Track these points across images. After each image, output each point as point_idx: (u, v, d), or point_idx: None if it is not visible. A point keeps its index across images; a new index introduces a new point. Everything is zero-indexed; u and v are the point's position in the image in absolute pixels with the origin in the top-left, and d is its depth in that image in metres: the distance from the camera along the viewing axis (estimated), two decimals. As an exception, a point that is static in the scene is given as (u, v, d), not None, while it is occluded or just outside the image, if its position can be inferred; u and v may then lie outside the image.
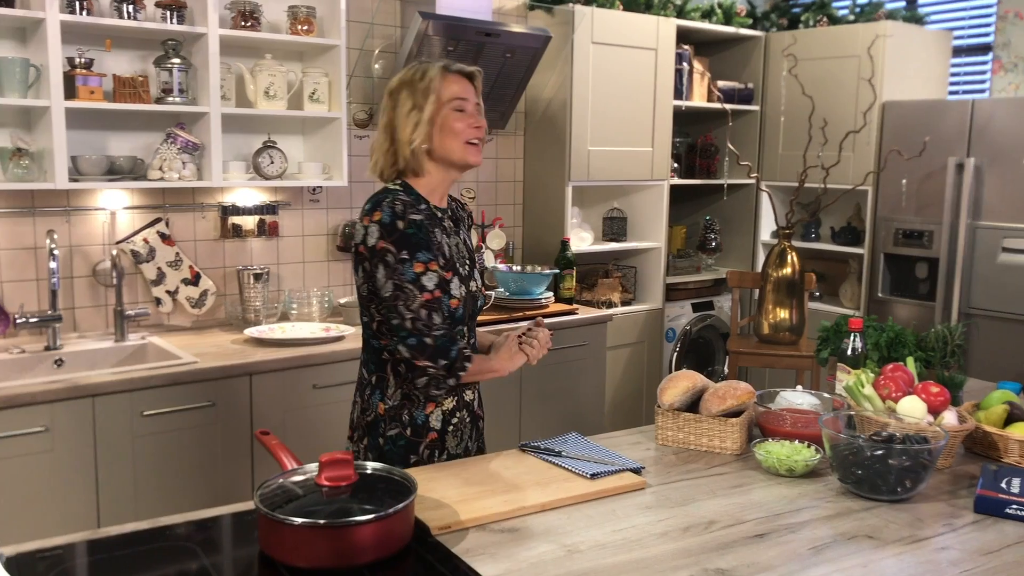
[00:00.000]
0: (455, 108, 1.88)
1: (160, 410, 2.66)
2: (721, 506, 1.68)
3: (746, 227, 4.91)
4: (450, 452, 1.96)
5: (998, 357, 3.80)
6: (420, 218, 1.83)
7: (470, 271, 1.97)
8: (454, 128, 1.88)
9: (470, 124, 1.89)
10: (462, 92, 1.90)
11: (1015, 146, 3.73)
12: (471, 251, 2.02)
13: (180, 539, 1.51)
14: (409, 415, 1.91)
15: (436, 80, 1.88)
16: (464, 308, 1.92)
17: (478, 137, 1.91)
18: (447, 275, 1.88)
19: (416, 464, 1.90)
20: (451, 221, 1.98)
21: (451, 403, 1.95)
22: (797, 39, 4.41)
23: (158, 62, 2.99)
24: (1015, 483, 1.70)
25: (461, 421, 1.98)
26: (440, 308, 1.83)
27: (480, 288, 2.01)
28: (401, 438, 1.92)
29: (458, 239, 1.97)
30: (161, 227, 3.18)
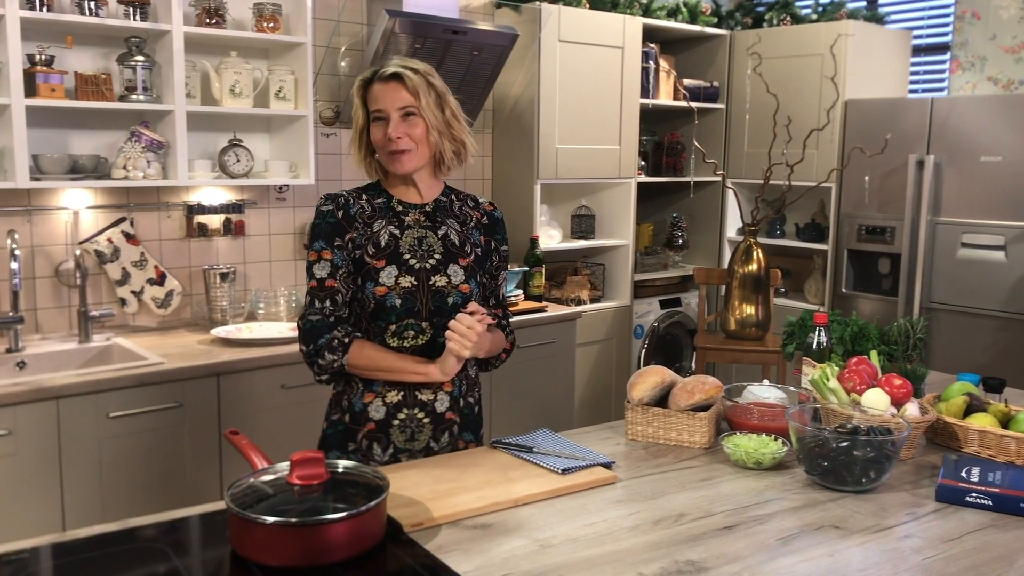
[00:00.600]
0: (375, 118, 1.89)
1: (126, 411, 2.63)
2: (691, 499, 1.70)
3: (712, 224, 4.96)
4: (397, 447, 1.91)
5: (958, 350, 3.88)
6: (328, 209, 1.91)
7: (437, 266, 1.91)
8: (375, 140, 1.91)
9: (386, 135, 1.88)
10: (381, 102, 1.88)
11: (973, 143, 3.81)
12: (454, 248, 1.94)
13: (149, 540, 1.50)
14: (348, 401, 1.93)
15: (359, 93, 1.91)
16: (407, 300, 1.87)
17: (396, 149, 1.87)
18: (378, 263, 1.87)
19: (355, 451, 1.91)
20: (424, 215, 1.95)
21: (396, 397, 1.91)
22: (761, 38, 4.47)
23: (121, 59, 2.96)
24: (975, 472, 1.74)
25: (411, 419, 1.91)
26: (328, 296, 1.87)
27: (453, 286, 1.92)
28: (340, 423, 1.94)
29: (428, 233, 1.93)
30: (126, 227, 3.14)
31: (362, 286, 1.88)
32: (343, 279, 1.89)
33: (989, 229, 3.79)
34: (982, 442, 1.93)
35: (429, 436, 1.93)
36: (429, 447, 1.94)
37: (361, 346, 1.87)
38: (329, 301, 1.88)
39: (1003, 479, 1.70)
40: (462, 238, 1.98)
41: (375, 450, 1.92)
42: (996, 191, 3.76)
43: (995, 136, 3.74)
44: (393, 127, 1.86)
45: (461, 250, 1.96)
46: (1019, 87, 4.29)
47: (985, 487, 1.67)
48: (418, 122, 1.88)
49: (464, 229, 1.99)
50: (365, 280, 1.88)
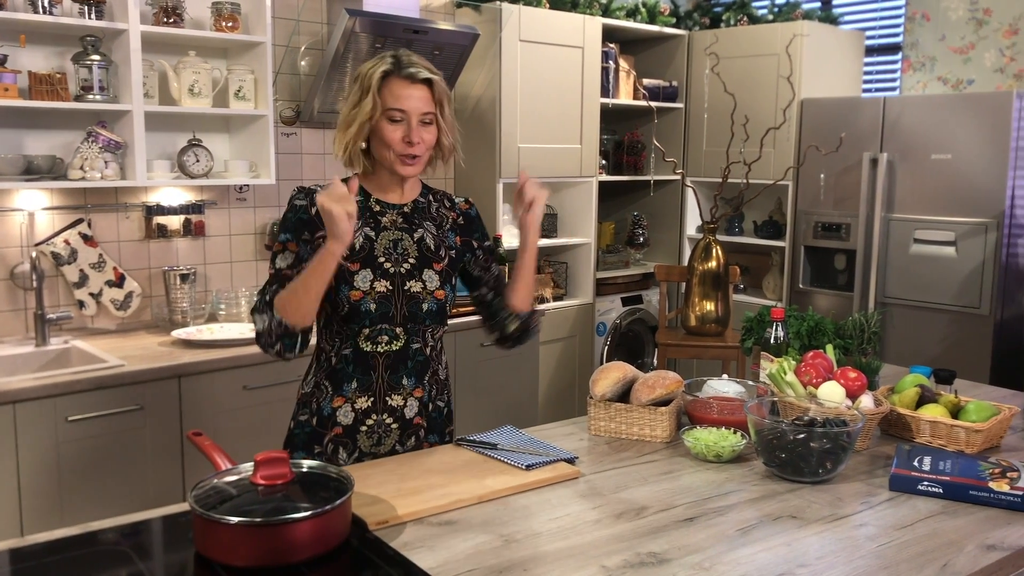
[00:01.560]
0: (390, 118, 1.82)
1: (86, 415, 2.60)
2: (652, 492, 1.72)
3: (672, 222, 5.02)
4: (363, 451, 1.90)
5: (911, 343, 3.97)
6: (301, 203, 1.84)
7: (412, 270, 1.88)
8: (386, 138, 1.83)
9: (403, 138, 1.82)
10: (403, 102, 1.81)
11: (924, 142, 3.90)
12: (429, 252, 1.92)
13: (111, 544, 1.49)
14: (317, 404, 1.91)
15: (376, 84, 1.81)
16: (382, 305, 1.85)
17: (411, 154, 1.83)
18: (352, 266, 1.83)
19: (319, 455, 1.90)
20: (403, 217, 1.92)
21: (366, 403, 1.89)
22: (719, 38, 4.53)
23: (76, 59, 2.92)
24: (926, 461, 1.79)
25: (380, 424, 1.90)
26: (279, 282, 1.82)
27: (428, 292, 1.89)
28: (308, 425, 1.92)
29: (404, 235, 1.90)
30: (83, 228, 3.10)
31: (336, 288, 1.83)
32: None
33: (940, 225, 3.88)
34: (933, 432, 1.99)
35: (395, 440, 1.93)
36: (394, 450, 1.94)
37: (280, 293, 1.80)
38: (278, 285, 1.81)
39: (953, 467, 1.75)
40: (437, 242, 1.94)
41: (340, 454, 1.90)
42: (947, 188, 3.85)
43: (945, 134, 3.84)
44: (415, 132, 1.82)
45: (436, 254, 1.93)
46: (967, 87, 4.40)
47: (936, 475, 1.71)
48: (433, 130, 1.86)
49: (440, 232, 1.96)
50: (339, 282, 1.83)
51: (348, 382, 1.89)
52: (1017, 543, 1.51)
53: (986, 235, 3.74)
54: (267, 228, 3.58)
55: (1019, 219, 3.79)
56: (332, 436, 1.90)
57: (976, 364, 3.75)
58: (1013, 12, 4.23)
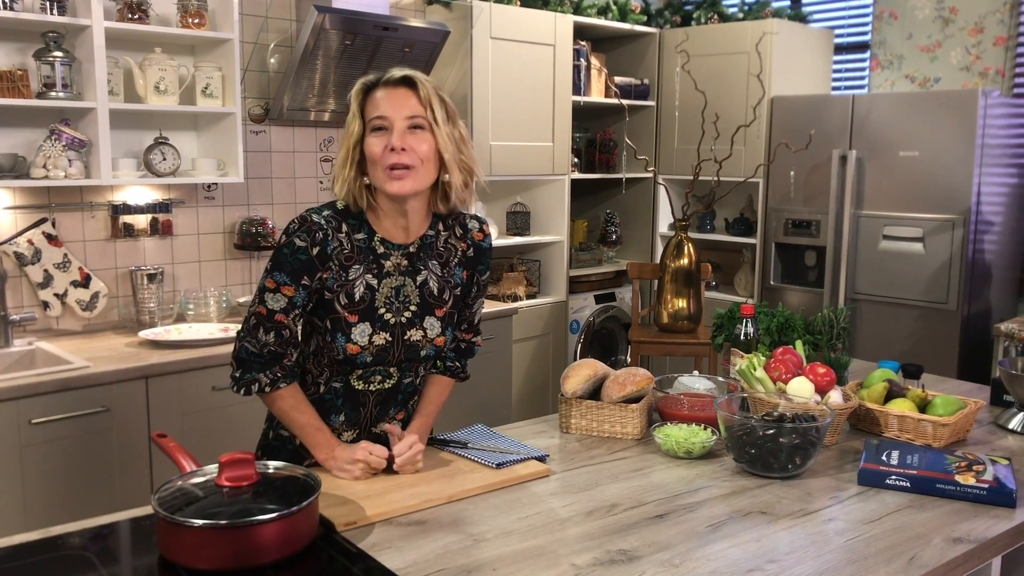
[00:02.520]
0: (374, 128, 1.65)
1: (50, 417, 2.55)
2: (623, 489, 1.72)
3: (644, 220, 5.03)
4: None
5: (881, 338, 4.00)
6: (303, 245, 1.66)
7: (413, 318, 1.77)
8: (371, 152, 1.65)
9: (387, 146, 1.63)
10: (384, 108, 1.64)
11: (892, 139, 3.94)
12: (432, 298, 1.79)
13: (75, 548, 1.46)
14: None
15: (358, 100, 1.67)
16: (378, 357, 1.75)
17: (398, 163, 1.63)
18: (351, 317, 1.71)
19: None
20: (407, 259, 1.76)
21: (351, 435, 1.84)
22: (689, 36, 4.54)
23: (38, 55, 2.86)
24: (894, 455, 1.80)
25: None
26: (273, 329, 1.68)
27: (428, 339, 1.79)
28: (290, 443, 1.85)
29: (407, 280, 1.76)
30: (47, 227, 3.04)
31: (332, 333, 1.71)
32: (295, 318, 1.70)
33: (908, 222, 3.92)
34: (901, 426, 2.00)
35: None
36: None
37: (276, 398, 1.73)
38: (273, 334, 1.69)
39: (920, 461, 1.76)
40: (441, 284, 1.80)
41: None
42: (915, 185, 3.89)
43: (913, 132, 3.87)
44: (397, 137, 1.62)
45: (439, 299, 1.80)
46: (934, 84, 4.45)
47: (904, 469, 1.73)
48: (427, 137, 1.65)
49: (446, 271, 1.81)
50: (336, 329, 1.71)
51: (336, 414, 1.81)
52: (983, 536, 1.52)
53: (953, 231, 3.78)
54: (236, 227, 3.54)
55: (985, 215, 3.84)
56: (313, 461, 1.80)
57: (944, 358, 3.80)
58: (978, 11, 4.28)
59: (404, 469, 1.75)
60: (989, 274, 3.94)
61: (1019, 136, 4.05)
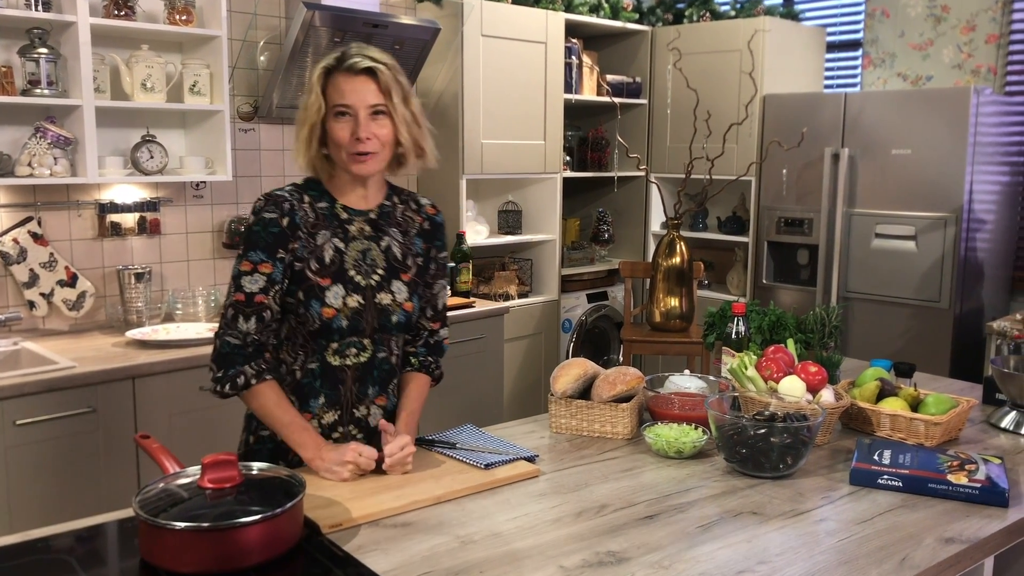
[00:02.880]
0: (338, 113, 1.73)
1: (35, 418, 2.52)
2: (613, 490, 1.70)
3: (637, 218, 5.01)
4: None
5: (874, 337, 3.99)
6: (272, 216, 1.73)
7: (381, 282, 1.81)
8: (335, 137, 1.74)
9: (352, 134, 1.72)
10: (349, 96, 1.72)
11: (885, 137, 3.93)
12: (396, 262, 1.84)
13: (56, 552, 1.43)
14: None
15: (319, 82, 1.74)
16: (353, 321, 1.77)
17: (361, 151, 1.73)
18: (323, 281, 1.75)
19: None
20: (369, 224, 1.83)
21: (332, 417, 1.82)
22: (681, 33, 4.53)
23: (23, 52, 2.83)
24: (886, 455, 1.79)
25: (346, 436, 1.83)
26: (254, 313, 1.71)
27: (397, 303, 1.82)
28: (270, 441, 1.83)
29: (371, 245, 1.82)
30: (32, 226, 3.01)
31: (305, 303, 1.74)
32: (275, 296, 1.74)
33: (901, 220, 3.91)
34: (893, 425, 1.99)
35: None
36: None
37: (259, 394, 1.73)
38: (255, 319, 1.71)
39: (913, 461, 1.75)
40: (404, 250, 1.86)
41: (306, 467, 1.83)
42: (907, 183, 3.88)
43: (905, 130, 3.86)
44: (363, 127, 1.71)
45: (403, 264, 1.85)
46: (926, 82, 4.44)
47: (896, 469, 1.71)
48: (386, 122, 1.75)
49: (406, 239, 1.88)
50: (309, 297, 1.74)
51: (315, 397, 1.81)
52: (975, 536, 1.51)
53: (945, 229, 3.77)
54: (225, 226, 3.51)
55: (977, 213, 3.83)
56: (293, 460, 1.79)
57: (936, 357, 3.79)
58: (970, 9, 4.27)
59: (393, 470, 1.73)
60: (981, 272, 3.93)
61: (1011, 134, 4.04)
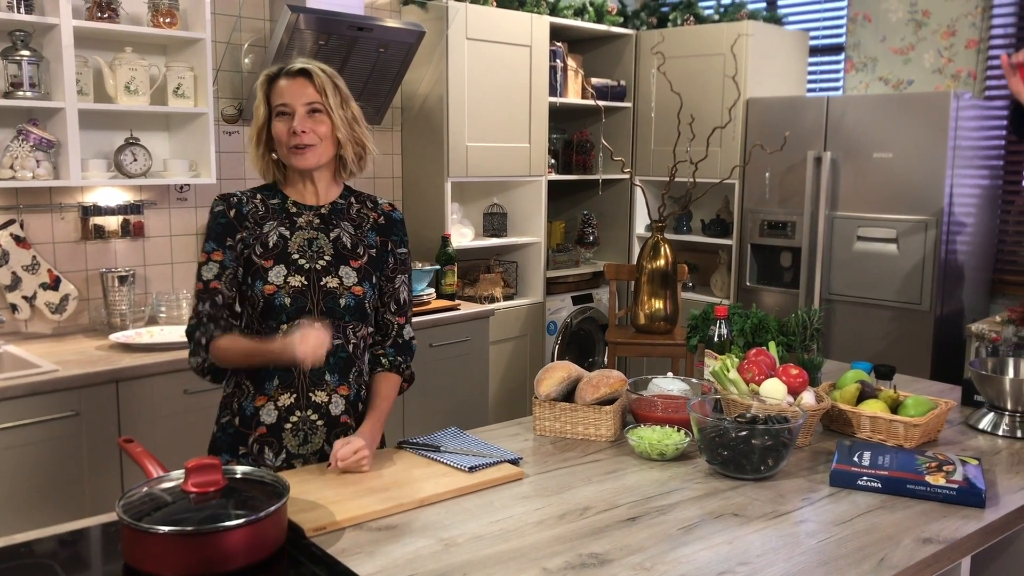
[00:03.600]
0: (278, 112, 1.87)
1: (18, 422, 2.51)
2: (596, 492, 1.72)
3: (621, 221, 5.03)
4: (290, 451, 1.87)
5: (855, 339, 4.03)
6: (220, 209, 1.90)
7: (328, 267, 1.89)
8: (276, 135, 1.88)
9: (290, 130, 1.85)
10: (287, 96, 1.86)
11: (866, 141, 3.96)
12: (344, 250, 1.92)
13: (39, 556, 1.43)
14: (238, 404, 1.89)
15: (263, 89, 1.89)
16: (296, 299, 1.84)
17: (299, 143, 1.85)
18: (266, 263, 1.86)
19: (245, 456, 1.87)
20: (319, 218, 1.93)
21: (289, 399, 1.86)
22: (665, 37, 4.55)
23: (5, 54, 2.82)
24: (866, 456, 1.81)
25: (304, 421, 1.87)
26: (208, 297, 1.86)
27: (346, 287, 1.89)
28: (231, 426, 1.90)
29: (318, 235, 1.91)
30: (15, 229, 3.00)
31: (251, 285, 1.87)
32: (228, 280, 1.87)
33: (882, 223, 3.94)
34: (873, 427, 2.01)
35: (323, 439, 1.89)
36: (323, 450, 1.89)
37: (219, 347, 1.85)
38: (209, 303, 1.86)
39: (892, 462, 1.77)
40: (355, 240, 1.95)
41: (267, 455, 1.87)
42: (888, 186, 3.92)
43: (887, 134, 3.90)
44: (298, 121, 1.85)
45: (353, 252, 1.94)
46: (907, 87, 4.48)
47: (875, 470, 1.73)
48: (323, 119, 1.87)
49: (358, 232, 1.97)
50: (254, 279, 1.87)
51: (269, 380, 1.86)
52: (952, 536, 1.53)
53: (926, 232, 3.81)
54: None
55: (957, 216, 3.87)
56: (256, 436, 1.87)
57: (917, 358, 3.82)
58: (950, 14, 4.32)
59: (349, 469, 1.77)
60: (961, 275, 3.97)
61: (990, 138, 4.09)
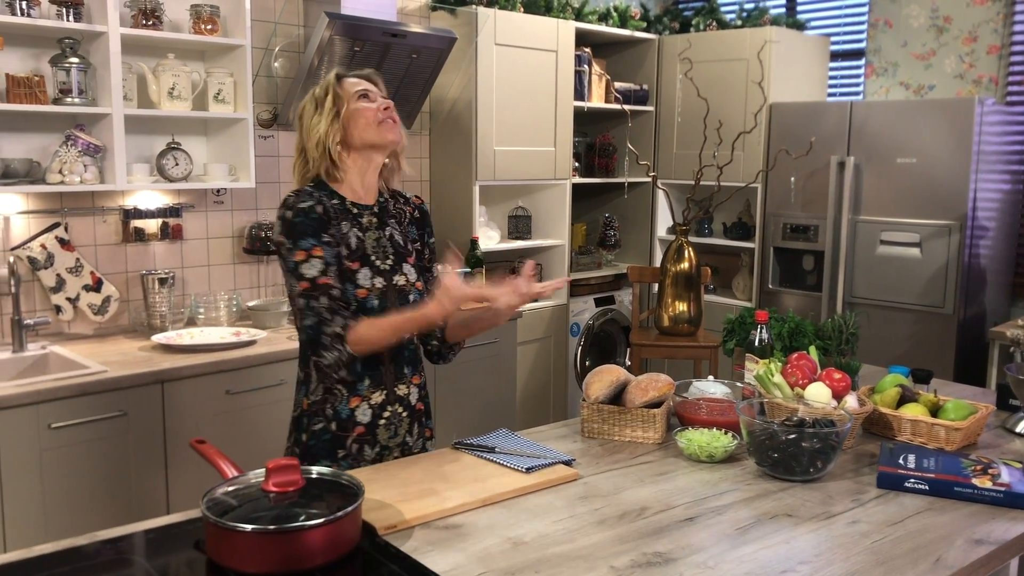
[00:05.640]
0: (359, 96, 1.95)
1: (69, 422, 2.57)
2: (651, 493, 1.77)
3: (642, 224, 5.08)
4: (382, 445, 1.96)
5: (878, 342, 4.07)
6: (308, 205, 1.86)
7: (394, 266, 1.97)
8: (363, 113, 1.93)
9: (378, 106, 1.95)
10: (366, 85, 1.98)
11: (889, 145, 4.01)
12: (400, 248, 2.00)
13: (122, 552, 1.49)
14: (332, 409, 1.93)
15: (333, 84, 1.95)
16: (382, 300, 1.92)
17: (389, 117, 1.95)
18: (353, 265, 1.90)
19: (344, 458, 1.93)
20: (375, 216, 2.00)
21: (380, 397, 1.95)
22: (691, 43, 4.60)
23: (55, 61, 2.88)
24: (910, 459, 1.86)
25: (395, 415, 1.97)
26: (322, 293, 1.83)
27: (411, 284, 1.99)
28: (326, 432, 1.94)
29: (380, 234, 1.98)
30: (60, 232, 3.06)
31: (343, 285, 1.89)
32: (335, 275, 1.86)
33: (905, 227, 3.99)
34: (914, 430, 2.06)
35: (406, 430, 2.00)
36: (405, 441, 2.00)
37: (360, 333, 1.83)
38: (325, 297, 1.83)
39: (937, 465, 1.82)
40: (403, 237, 2.03)
41: (365, 452, 1.95)
42: (912, 191, 3.96)
43: (910, 139, 3.95)
44: (381, 100, 1.96)
45: (406, 249, 2.03)
46: (928, 92, 4.52)
47: (922, 473, 1.78)
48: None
49: (402, 228, 2.05)
50: (344, 280, 1.89)
51: (360, 381, 1.93)
52: (1002, 537, 1.58)
53: (950, 236, 3.85)
54: (245, 231, 3.56)
55: (981, 221, 3.92)
56: (355, 436, 1.94)
57: (940, 361, 3.87)
58: (972, 20, 4.36)
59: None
60: (984, 278, 4.02)
61: (1013, 143, 4.13)
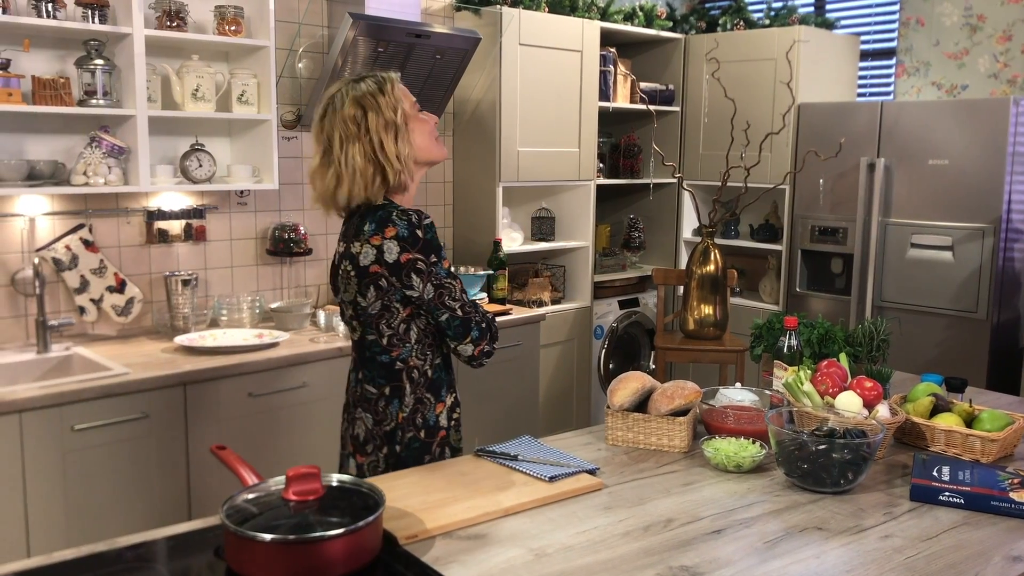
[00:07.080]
0: (420, 109, 2.01)
1: (92, 424, 2.58)
2: (676, 504, 1.73)
3: (667, 225, 5.03)
4: (452, 446, 2.05)
5: (909, 347, 4.00)
6: (431, 222, 1.93)
7: None
8: (424, 129, 1.98)
9: (434, 122, 2.02)
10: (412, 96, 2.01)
11: (920, 147, 3.93)
12: None
13: (144, 559, 1.47)
14: (423, 418, 2.00)
15: (400, 90, 1.96)
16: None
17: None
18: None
19: (430, 461, 1.99)
20: None
21: (451, 398, 2.05)
22: (719, 43, 4.54)
23: (80, 63, 2.88)
24: (945, 471, 1.81)
25: (461, 416, 2.08)
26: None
27: None
28: (416, 441, 1.99)
29: None
30: (84, 233, 3.07)
31: None
32: None
33: (937, 230, 3.91)
34: (948, 441, 2.00)
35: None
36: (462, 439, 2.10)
37: None
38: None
39: (973, 478, 1.77)
40: None
41: (446, 454, 2.02)
42: (944, 193, 3.88)
43: (942, 139, 3.87)
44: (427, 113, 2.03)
45: None
46: (961, 92, 4.44)
47: (957, 486, 1.73)
48: None
49: None
50: None
51: (444, 387, 2.04)
52: (1042, 554, 1.53)
53: (983, 240, 3.77)
54: (268, 233, 3.56)
55: (1016, 224, 3.83)
56: (439, 440, 2.02)
57: (973, 368, 3.79)
58: (1007, 19, 4.27)
59: None
60: (1019, 283, 3.93)
61: (1048, 145, 4.03)
